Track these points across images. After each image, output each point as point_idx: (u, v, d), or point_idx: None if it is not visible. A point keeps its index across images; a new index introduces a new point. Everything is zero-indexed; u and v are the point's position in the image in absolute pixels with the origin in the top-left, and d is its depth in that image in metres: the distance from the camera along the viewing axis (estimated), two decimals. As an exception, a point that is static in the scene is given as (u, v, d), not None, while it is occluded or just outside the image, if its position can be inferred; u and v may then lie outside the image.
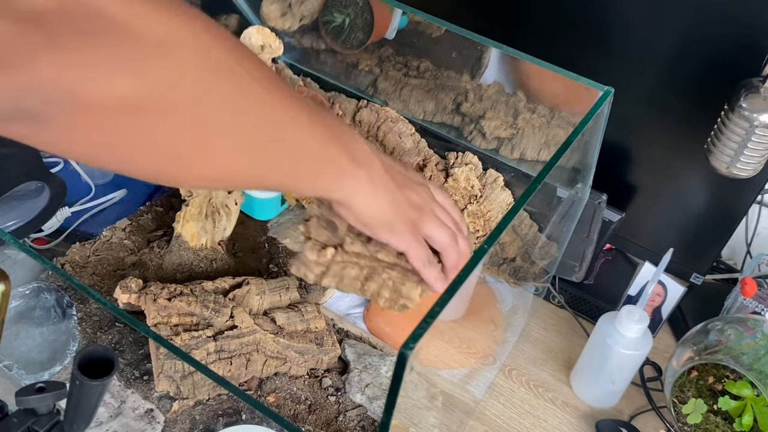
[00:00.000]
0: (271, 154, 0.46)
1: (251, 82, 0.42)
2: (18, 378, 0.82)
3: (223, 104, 0.41)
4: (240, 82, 0.42)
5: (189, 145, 0.41)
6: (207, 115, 0.40)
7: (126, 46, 0.35)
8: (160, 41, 0.37)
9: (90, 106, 0.34)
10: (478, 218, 0.97)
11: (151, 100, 0.37)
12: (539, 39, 0.94)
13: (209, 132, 0.41)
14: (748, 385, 0.81)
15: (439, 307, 0.48)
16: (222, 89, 0.41)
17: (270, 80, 0.44)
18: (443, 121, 1.09)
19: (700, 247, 1.01)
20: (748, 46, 0.82)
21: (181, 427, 0.80)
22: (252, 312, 0.86)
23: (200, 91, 0.39)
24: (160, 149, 0.40)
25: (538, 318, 1.03)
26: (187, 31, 0.38)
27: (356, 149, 0.52)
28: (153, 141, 0.39)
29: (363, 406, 0.84)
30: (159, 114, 0.38)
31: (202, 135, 0.41)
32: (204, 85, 0.39)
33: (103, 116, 0.35)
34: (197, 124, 0.40)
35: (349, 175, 0.51)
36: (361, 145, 0.52)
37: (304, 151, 0.48)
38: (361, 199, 0.53)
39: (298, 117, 0.46)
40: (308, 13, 1.13)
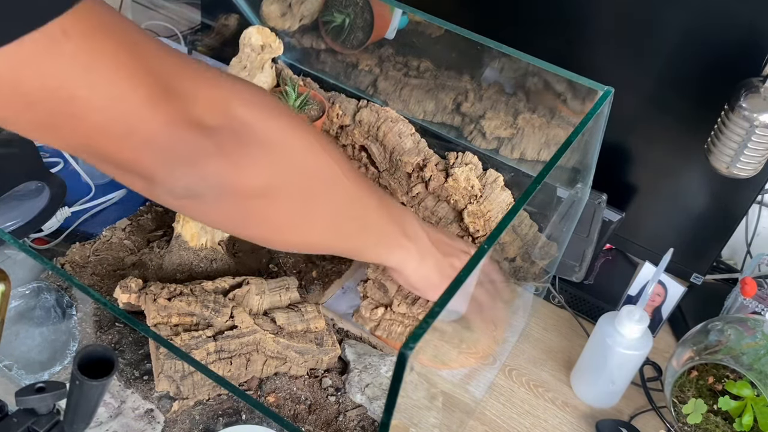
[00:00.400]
0: (348, 231, 0.61)
1: (341, 176, 0.57)
2: (18, 378, 0.82)
3: (321, 194, 0.56)
4: (334, 176, 0.56)
5: (292, 223, 0.56)
6: (309, 202, 0.55)
7: (264, 151, 0.50)
8: (285, 146, 0.52)
9: (235, 191, 0.50)
10: (478, 218, 0.97)
11: (273, 190, 0.52)
12: (539, 39, 0.94)
13: (308, 214, 0.56)
14: (748, 385, 0.81)
15: (439, 307, 0.48)
16: (322, 182, 0.56)
17: (352, 171, 0.59)
18: (443, 121, 1.09)
19: (700, 247, 1.01)
20: (748, 46, 0.82)
21: (181, 427, 0.80)
22: (252, 312, 0.86)
23: (307, 185, 0.54)
24: (271, 223, 0.55)
25: (538, 318, 1.03)
26: (305, 138, 0.53)
27: (408, 226, 0.65)
28: (268, 217, 0.54)
29: (363, 406, 0.84)
30: (277, 200, 0.53)
31: (304, 216, 0.56)
32: (310, 180, 0.54)
33: (244, 200, 0.51)
34: (302, 208, 0.55)
35: (401, 247, 0.64)
36: (412, 222, 0.66)
37: (371, 229, 0.62)
38: (410, 266, 0.66)
39: (369, 203, 0.61)
40: (308, 13, 1.13)
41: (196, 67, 0.48)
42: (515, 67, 1.01)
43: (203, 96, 0.47)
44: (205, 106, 0.47)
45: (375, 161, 1.06)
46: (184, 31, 1.40)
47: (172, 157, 0.46)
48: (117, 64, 0.42)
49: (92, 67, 0.41)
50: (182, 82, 0.46)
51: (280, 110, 0.53)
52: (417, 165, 1.01)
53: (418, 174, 1.01)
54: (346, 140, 1.08)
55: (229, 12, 1.29)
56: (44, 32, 0.38)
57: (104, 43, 0.41)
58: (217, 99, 0.48)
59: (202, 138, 0.46)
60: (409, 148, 1.02)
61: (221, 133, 0.47)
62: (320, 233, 0.59)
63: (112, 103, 0.42)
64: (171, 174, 0.47)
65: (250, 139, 0.49)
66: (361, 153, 1.08)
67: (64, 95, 0.41)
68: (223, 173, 0.48)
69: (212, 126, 0.47)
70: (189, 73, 0.47)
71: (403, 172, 1.03)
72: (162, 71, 0.45)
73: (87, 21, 0.40)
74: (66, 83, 0.40)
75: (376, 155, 1.05)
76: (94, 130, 0.43)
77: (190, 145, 0.46)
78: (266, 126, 0.50)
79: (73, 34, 0.40)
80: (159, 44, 0.46)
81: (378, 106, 1.05)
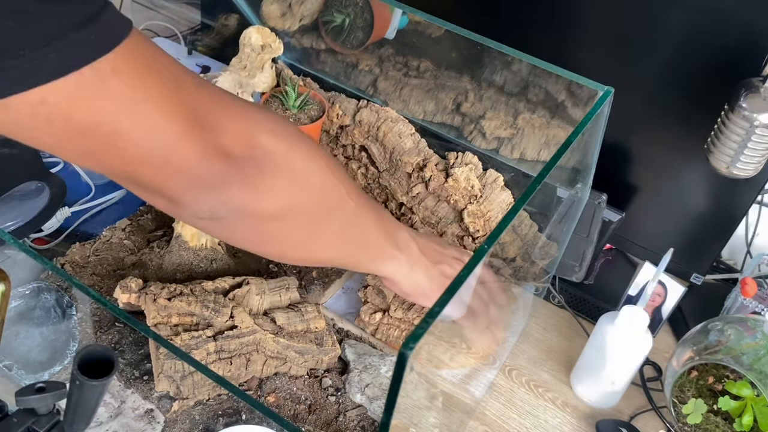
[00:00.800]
0: (350, 247, 0.67)
1: (346, 197, 0.62)
2: (18, 378, 0.82)
3: (330, 214, 0.61)
4: (341, 197, 0.61)
5: (304, 241, 0.62)
6: (320, 223, 0.61)
7: (283, 178, 0.55)
8: (302, 173, 0.57)
9: (254, 214, 0.54)
10: (478, 218, 0.97)
11: (290, 212, 0.56)
12: (539, 39, 0.94)
13: (318, 233, 0.62)
14: (748, 385, 0.81)
15: (439, 307, 0.48)
16: (331, 204, 0.61)
17: (355, 191, 0.63)
18: (443, 121, 1.09)
19: (700, 247, 1.01)
20: (748, 46, 0.82)
21: (181, 427, 0.80)
22: (252, 312, 0.86)
23: (318, 207, 0.60)
24: (284, 242, 0.61)
25: (538, 318, 1.03)
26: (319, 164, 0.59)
27: (400, 238, 0.70)
28: (282, 237, 0.60)
29: (363, 406, 0.84)
30: (292, 221, 0.58)
31: (314, 235, 0.61)
32: (321, 203, 0.60)
33: (260, 222, 0.56)
34: (313, 228, 0.60)
35: (393, 258, 0.69)
36: (403, 235, 0.71)
37: (369, 245, 0.67)
38: (401, 275, 0.70)
39: (368, 221, 0.66)
40: (308, 13, 1.13)
41: (227, 100, 0.53)
42: (515, 67, 1.01)
43: (232, 128, 0.51)
44: (234, 137, 0.51)
45: (375, 161, 1.06)
46: (184, 31, 1.40)
47: (200, 184, 0.51)
48: (159, 99, 0.46)
49: (136, 104, 0.45)
50: (214, 115, 0.50)
51: (299, 139, 0.58)
52: (417, 165, 1.01)
53: (418, 174, 1.01)
54: (346, 140, 1.08)
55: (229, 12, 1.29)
56: (96, 68, 0.42)
57: (148, 80, 0.45)
58: (244, 130, 0.52)
59: (227, 167, 0.51)
60: (409, 148, 1.02)
61: (245, 162, 0.52)
62: (327, 250, 0.65)
63: (151, 136, 0.46)
64: (196, 199, 0.51)
65: (271, 167, 0.54)
66: (361, 153, 1.08)
67: (110, 129, 0.44)
68: (243, 199, 0.53)
69: (238, 155, 0.51)
70: (221, 107, 0.52)
71: (403, 172, 1.03)
72: (198, 105, 0.49)
73: (134, 59, 0.44)
74: (112, 118, 0.44)
75: (376, 155, 1.05)
76: (134, 159, 0.47)
77: (217, 173, 0.51)
78: (287, 154, 0.55)
79: (122, 72, 0.43)
80: (196, 78, 0.51)
81: (378, 106, 1.05)
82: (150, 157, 0.47)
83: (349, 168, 1.11)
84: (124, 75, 0.43)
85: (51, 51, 0.39)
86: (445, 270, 0.74)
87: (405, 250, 0.70)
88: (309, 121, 1.01)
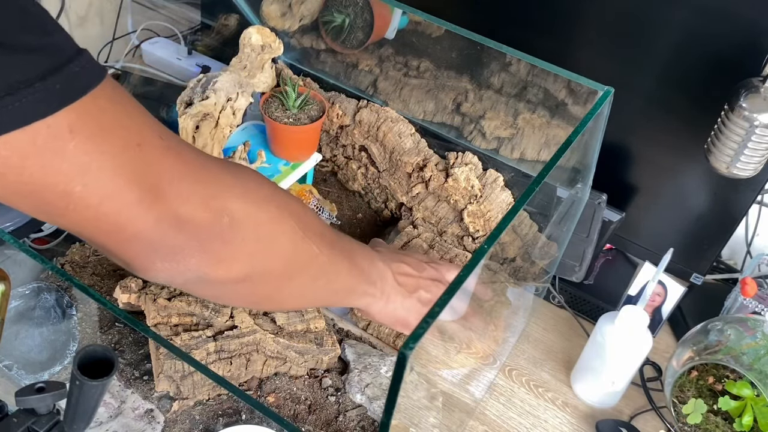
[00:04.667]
0: (321, 296, 0.69)
1: (318, 255, 0.61)
2: (18, 378, 0.82)
3: (298, 274, 0.61)
4: (311, 256, 0.61)
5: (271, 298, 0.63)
6: (287, 282, 0.61)
7: (247, 244, 0.54)
8: (269, 237, 0.56)
9: (213, 281, 0.54)
10: (478, 218, 0.97)
11: (254, 276, 0.56)
12: (539, 39, 0.94)
13: (286, 290, 0.62)
14: (748, 385, 0.81)
15: (439, 307, 0.48)
16: (300, 264, 0.61)
17: (327, 243, 0.63)
18: (443, 121, 1.09)
19: (700, 247, 1.01)
20: (748, 46, 0.82)
21: (181, 427, 0.80)
22: (252, 312, 0.86)
23: (286, 268, 0.59)
24: (250, 300, 0.64)
25: (538, 318, 1.03)
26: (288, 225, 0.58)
27: (373, 272, 0.71)
28: (248, 296, 0.61)
29: (363, 406, 0.84)
30: (257, 284, 0.58)
31: (281, 293, 0.62)
32: (289, 264, 0.59)
33: (223, 285, 0.55)
34: (280, 287, 0.61)
35: (366, 294, 0.70)
36: (375, 267, 0.71)
37: (341, 289, 0.68)
38: (375, 308, 0.72)
39: (341, 269, 0.66)
40: (308, 13, 1.13)
41: (196, 163, 0.51)
42: (515, 67, 1.01)
43: (198, 194, 0.50)
44: (197, 204, 0.50)
45: (375, 161, 1.06)
46: (184, 31, 1.40)
47: (156, 253, 0.49)
48: (115, 166, 0.44)
49: (91, 168, 0.43)
50: (179, 181, 0.48)
51: (270, 199, 0.57)
52: (417, 165, 1.01)
53: (418, 174, 1.01)
54: (346, 140, 1.08)
55: (229, 12, 1.29)
56: (53, 125, 0.40)
57: (105, 145, 0.43)
58: (210, 196, 0.51)
59: (186, 237, 0.50)
60: (409, 148, 1.02)
61: (208, 231, 0.51)
62: (296, 303, 0.69)
63: (104, 201, 0.45)
64: (152, 266, 0.50)
65: (236, 236, 0.53)
66: (361, 153, 1.08)
67: (62, 189, 0.43)
68: (202, 267, 0.52)
69: (200, 224, 0.50)
70: (188, 172, 0.49)
71: (403, 172, 1.03)
72: (161, 171, 0.47)
73: (94, 120, 0.43)
74: (64, 179, 0.42)
75: (376, 155, 1.05)
76: (86, 222, 0.46)
77: (175, 243, 0.49)
78: (254, 219, 0.54)
79: (78, 133, 0.41)
80: (165, 139, 0.48)
81: (378, 106, 1.05)
82: (103, 223, 0.46)
83: (349, 168, 1.11)
84: (81, 138, 0.42)
85: (14, 100, 0.38)
86: (421, 296, 0.75)
87: (379, 283, 0.71)
88: (309, 121, 1.01)
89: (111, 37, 1.45)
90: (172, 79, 1.30)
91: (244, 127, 1.09)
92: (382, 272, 0.72)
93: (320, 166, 1.15)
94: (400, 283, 0.74)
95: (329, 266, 0.64)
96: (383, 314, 0.73)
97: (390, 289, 0.72)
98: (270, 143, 1.05)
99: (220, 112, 0.94)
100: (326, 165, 1.16)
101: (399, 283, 0.74)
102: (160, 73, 1.32)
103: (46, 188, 0.42)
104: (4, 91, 0.38)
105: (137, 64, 1.35)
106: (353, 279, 0.69)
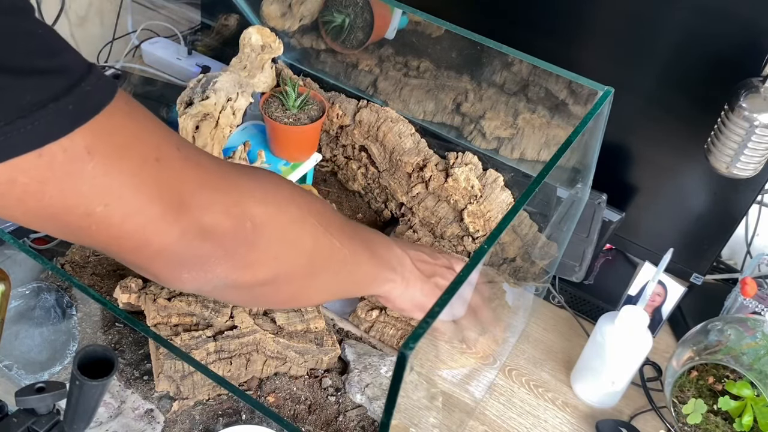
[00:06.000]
0: (344, 288, 0.69)
1: (339, 249, 0.61)
2: (18, 378, 0.82)
3: (321, 270, 0.61)
4: (333, 251, 0.61)
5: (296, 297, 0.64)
6: (311, 279, 0.61)
7: (271, 247, 0.54)
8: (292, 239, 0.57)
9: (241, 286, 0.54)
10: (478, 218, 0.97)
11: (280, 278, 0.56)
12: (539, 39, 0.93)
13: (310, 288, 0.63)
14: (748, 385, 0.81)
15: (439, 307, 0.48)
16: (323, 260, 0.61)
17: (348, 236, 0.63)
18: (443, 121, 1.09)
19: (700, 247, 1.01)
20: (748, 46, 0.82)
21: (181, 427, 0.80)
22: (252, 312, 0.86)
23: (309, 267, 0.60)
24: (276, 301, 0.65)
25: (538, 318, 1.03)
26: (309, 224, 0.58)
27: (391, 259, 0.71)
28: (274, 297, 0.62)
29: (363, 406, 0.84)
30: (282, 284, 0.58)
31: (306, 290, 0.63)
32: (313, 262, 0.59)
33: (250, 289, 0.56)
34: (304, 286, 0.61)
35: (387, 280, 0.70)
36: (394, 253, 0.72)
37: (365, 276, 0.68)
38: (396, 293, 0.71)
39: (362, 260, 0.66)
40: (308, 13, 1.13)
41: (214, 170, 0.51)
42: (515, 67, 1.01)
43: (219, 202, 0.50)
44: (220, 213, 0.49)
45: (375, 161, 1.06)
46: (184, 31, 1.40)
47: (182, 265, 0.49)
48: (135, 183, 0.44)
49: (111, 188, 0.43)
50: (199, 191, 0.48)
51: (290, 200, 0.58)
52: (417, 165, 1.01)
53: (418, 174, 1.01)
54: (346, 140, 1.08)
55: (229, 12, 1.29)
56: (69, 147, 0.40)
57: (124, 163, 0.43)
58: (231, 203, 0.51)
59: (211, 246, 0.50)
60: (409, 148, 1.02)
61: (233, 238, 0.51)
62: (320, 297, 0.68)
63: (127, 219, 0.45)
64: (179, 277, 0.50)
65: (261, 240, 0.53)
66: (361, 153, 1.08)
67: (83, 211, 0.43)
68: (229, 274, 0.52)
69: (224, 232, 0.50)
70: (207, 180, 0.49)
71: (403, 172, 1.03)
72: (181, 183, 0.47)
73: (110, 138, 0.42)
74: (85, 201, 0.42)
75: (376, 155, 1.05)
76: (111, 240, 0.46)
77: (200, 254, 0.49)
78: (277, 222, 0.55)
79: (96, 153, 0.41)
80: (182, 149, 0.48)
81: (378, 106, 1.05)
82: (127, 240, 0.46)
83: (349, 168, 1.11)
84: (99, 156, 0.41)
85: (27, 123, 0.38)
86: (438, 282, 0.75)
87: (399, 269, 0.72)
88: (309, 121, 1.01)
89: (111, 37, 1.45)
90: (172, 79, 1.30)
91: (244, 127, 1.09)
92: (401, 258, 0.73)
93: (320, 166, 1.15)
94: (418, 269, 0.74)
95: (351, 258, 0.64)
96: (402, 299, 0.73)
97: (409, 274, 0.73)
98: (270, 143, 1.05)
99: (220, 112, 0.94)
100: (326, 165, 1.16)
101: (417, 268, 0.74)
102: (160, 73, 1.32)
103: (67, 211, 0.42)
104: (17, 114, 0.38)
105: (137, 64, 1.35)
106: (375, 268, 0.69)
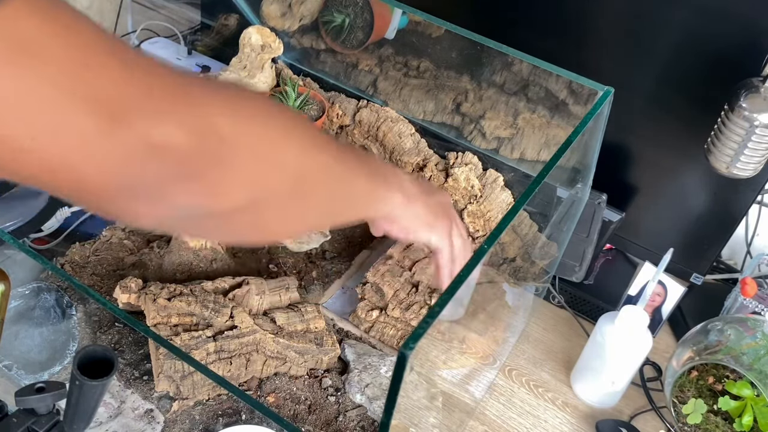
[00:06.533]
0: (340, 209, 0.61)
1: (334, 166, 0.54)
2: (18, 378, 0.82)
3: (313, 190, 0.53)
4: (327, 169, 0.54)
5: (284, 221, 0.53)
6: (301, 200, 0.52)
7: (248, 166, 0.45)
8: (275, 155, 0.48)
9: (214, 213, 0.45)
10: (478, 218, 0.97)
11: (261, 201, 0.48)
12: (539, 39, 0.94)
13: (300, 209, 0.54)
14: (748, 385, 0.81)
15: (439, 307, 0.48)
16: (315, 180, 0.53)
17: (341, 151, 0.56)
18: (443, 121, 1.09)
19: (700, 247, 1.01)
20: (748, 46, 0.82)
21: (181, 427, 0.80)
22: (252, 312, 0.86)
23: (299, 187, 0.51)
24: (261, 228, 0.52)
25: (538, 318, 1.03)
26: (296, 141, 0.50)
27: (389, 178, 0.65)
28: (257, 224, 0.51)
29: (363, 406, 0.84)
30: (266, 208, 0.49)
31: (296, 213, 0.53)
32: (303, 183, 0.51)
33: (226, 217, 0.47)
34: (293, 207, 0.52)
35: (388, 199, 0.64)
36: (392, 172, 0.66)
37: (363, 194, 0.62)
38: (398, 211, 0.66)
39: (359, 176, 0.60)
40: (308, 13, 1.13)
41: (171, 82, 0.41)
42: (515, 67, 1.01)
43: (172, 112, 0.40)
44: (173, 124, 0.40)
45: (375, 161, 1.06)
46: (184, 31, 1.40)
47: (135, 195, 0.40)
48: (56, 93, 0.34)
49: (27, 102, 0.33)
50: (146, 102, 0.38)
51: (268, 114, 0.49)
52: (417, 165, 1.01)
53: (418, 174, 1.01)
54: (346, 140, 1.08)
55: (229, 12, 1.29)
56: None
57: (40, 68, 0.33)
58: (190, 114, 0.41)
59: (166, 166, 0.40)
60: (409, 148, 1.02)
61: (192, 154, 0.41)
62: (312, 221, 0.59)
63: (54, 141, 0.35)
64: (135, 212, 0.42)
65: (232, 156, 0.43)
66: (361, 153, 1.08)
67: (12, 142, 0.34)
68: (196, 200, 0.43)
69: (179, 147, 0.40)
70: (157, 90, 0.39)
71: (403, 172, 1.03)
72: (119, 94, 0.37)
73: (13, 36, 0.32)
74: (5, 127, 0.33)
75: (376, 155, 1.05)
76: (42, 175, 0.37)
77: (153, 177, 0.39)
78: (250, 136, 0.46)
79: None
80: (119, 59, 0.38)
81: (378, 106, 1.05)
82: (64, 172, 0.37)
83: (349, 168, 1.11)
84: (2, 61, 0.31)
85: None
86: (441, 200, 0.71)
87: (398, 186, 0.66)
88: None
89: (111, 37, 1.45)
90: (172, 79, 1.30)
91: (244, 127, 1.09)
92: (399, 178, 0.67)
93: (320, 166, 1.15)
94: (416, 187, 0.69)
95: (347, 176, 0.58)
96: (406, 218, 0.68)
97: (410, 193, 0.67)
98: (270, 143, 1.05)
99: (220, 112, 0.94)
100: (326, 165, 1.16)
101: (415, 186, 0.69)
102: (160, 73, 1.32)
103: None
104: None
105: (137, 64, 1.35)
106: (373, 184, 0.63)
